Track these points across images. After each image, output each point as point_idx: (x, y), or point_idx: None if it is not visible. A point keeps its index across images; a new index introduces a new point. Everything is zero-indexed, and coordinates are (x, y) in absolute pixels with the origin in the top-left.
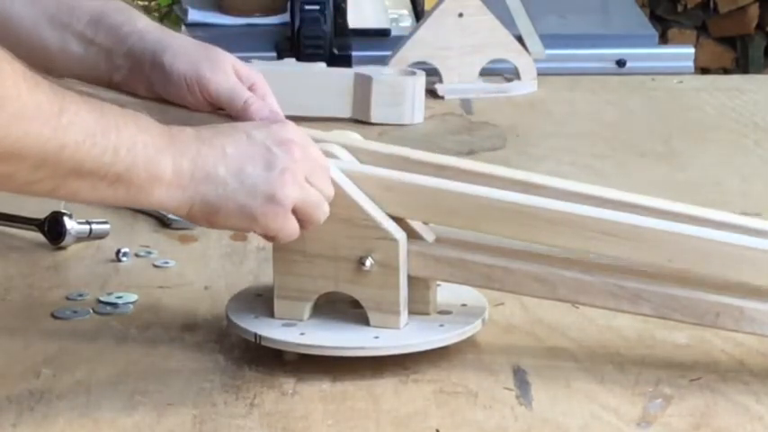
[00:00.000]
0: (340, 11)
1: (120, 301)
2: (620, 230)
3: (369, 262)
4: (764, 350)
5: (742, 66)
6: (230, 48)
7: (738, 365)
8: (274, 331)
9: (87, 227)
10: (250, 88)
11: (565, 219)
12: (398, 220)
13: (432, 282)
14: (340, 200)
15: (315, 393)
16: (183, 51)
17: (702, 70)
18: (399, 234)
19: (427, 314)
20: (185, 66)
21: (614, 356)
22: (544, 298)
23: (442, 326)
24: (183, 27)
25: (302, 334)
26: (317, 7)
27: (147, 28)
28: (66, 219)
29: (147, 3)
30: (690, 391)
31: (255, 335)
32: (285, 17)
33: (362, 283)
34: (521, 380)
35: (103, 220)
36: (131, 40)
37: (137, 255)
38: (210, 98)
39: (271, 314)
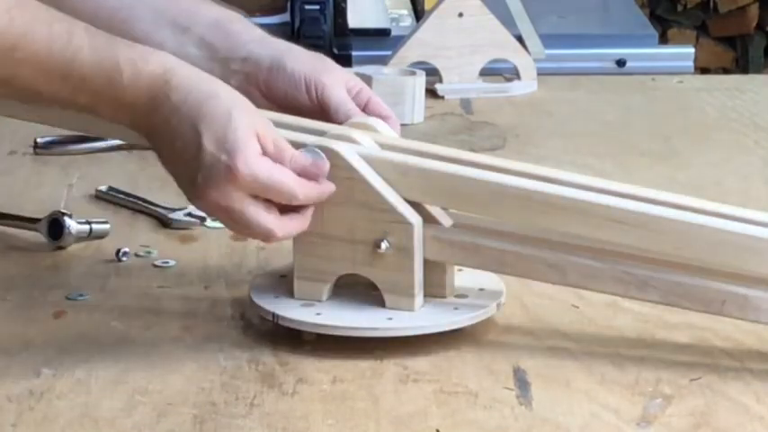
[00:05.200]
0: (340, 11)
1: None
2: (629, 218)
3: (384, 245)
4: (764, 350)
5: (742, 66)
6: None
7: (738, 365)
8: (292, 311)
9: (87, 227)
10: (357, 93)
11: (576, 206)
12: (416, 205)
13: (449, 266)
14: (357, 184)
15: (315, 393)
16: (302, 56)
17: (702, 70)
18: (415, 218)
19: (444, 298)
20: (306, 68)
21: (614, 356)
22: (554, 283)
23: (456, 309)
24: None
25: (318, 314)
26: (317, 7)
27: (264, 36)
28: (66, 219)
29: None
30: (690, 391)
31: (273, 314)
32: (285, 17)
33: (378, 265)
34: (521, 380)
35: (103, 219)
36: (250, 47)
37: (137, 255)
38: (323, 102)
39: (291, 295)
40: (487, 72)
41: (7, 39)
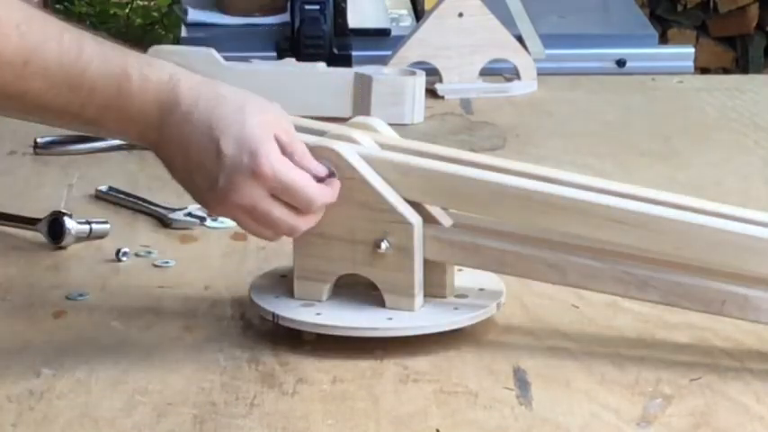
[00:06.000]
0: (340, 11)
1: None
2: (629, 218)
3: (384, 245)
4: (764, 350)
5: (742, 66)
6: (230, 48)
7: (738, 365)
8: (292, 311)
9: (87, 227)
10: None
11: (576, 206)
12: (416, 205)
13: (449, 266)
14: (357, 184)
15: (315, 393)
16: None
17: (702, 70)
18: (414, 218)
19: (444, 297)
20: None
21: (614, 356)
22: (555, 283)
23: (456, 309)
24: (183, 27)
25: (318, 314)
26: (317, 7)
27: None
28: (66, 219)
29: (147, 2)
30: (690, 390)
31: (273, 314)
32: (285, 17)
33: (378, 265)
34: (521, 380)
35: (103, 219)
36: None
37: (137, 255)
38: None
39: (291, 295)
40: (487, 72)
41: (19, 54)
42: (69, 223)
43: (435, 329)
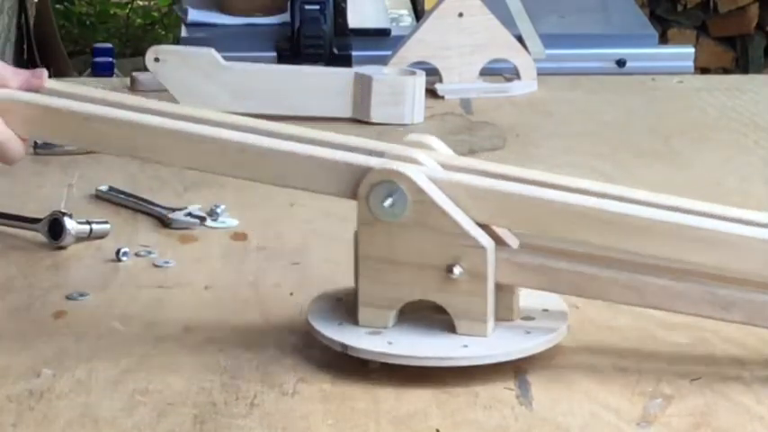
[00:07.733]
0: (340, 11)
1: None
2: (711, 238)
3: (458, 270)
4: (765, 350)
5: (742, 66)
6: (230, 48)
7: (738, 365)
8: (361, 340)
9: (87, 227)
10: None
11: (656, 227)
12: (483, 227)
13: (516, 288)
14: (427, 208)
15: (315, 393)
16: None
17: (702, 70)
18: (487, 241)
19: (511, 320)
20: None
21: (614, 356)
22: (632, 305)
23: (528, 333)
24: (184, 27)
25: (390, 343)
26: (317, 7)
27: None
28: (66, 219)
29: (147, 2)
30: (690, 390)
31: (342, 344)
32: (285, 17)
33: (450, 291)
34: (521, 380)
35: (103, 219)
36: None
37: (137, 255)
38: None
39: (354, 321)
40: (487, 72)
41: None
42: (69, 223)
43: (515, 356)
